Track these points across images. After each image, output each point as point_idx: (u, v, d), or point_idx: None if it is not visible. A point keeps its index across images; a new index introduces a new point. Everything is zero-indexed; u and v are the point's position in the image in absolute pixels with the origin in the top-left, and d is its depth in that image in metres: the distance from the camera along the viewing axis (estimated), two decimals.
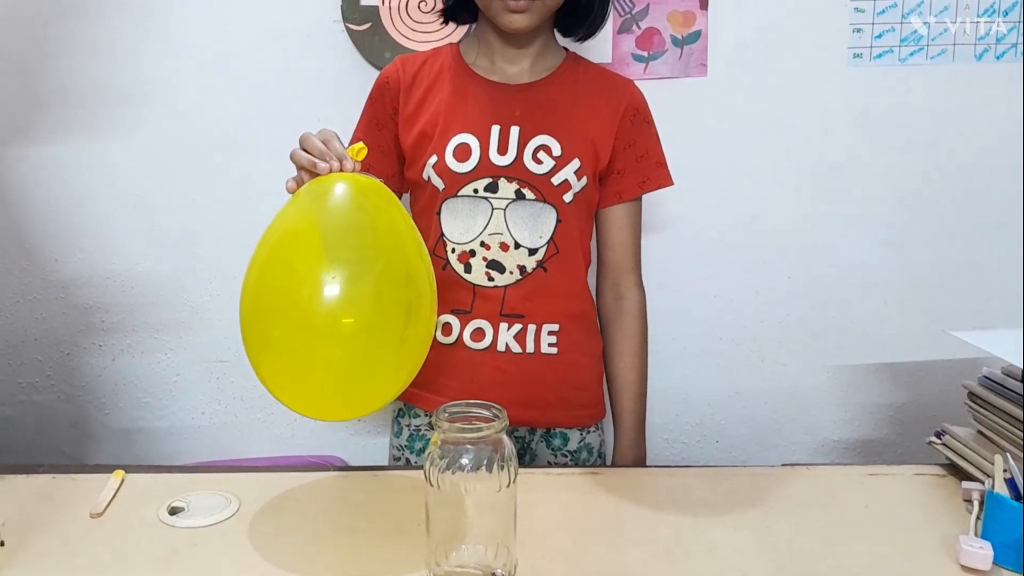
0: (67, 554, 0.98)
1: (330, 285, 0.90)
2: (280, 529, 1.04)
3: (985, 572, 0.93)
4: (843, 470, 1.22)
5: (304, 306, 0.91)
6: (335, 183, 1.00)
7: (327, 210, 0.99)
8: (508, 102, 1.26)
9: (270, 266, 0.96)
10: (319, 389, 0.95)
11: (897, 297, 1.78)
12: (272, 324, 0.93)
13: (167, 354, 1.82)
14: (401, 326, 0.95)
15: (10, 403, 1.85)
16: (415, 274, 0.98)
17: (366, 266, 0.94)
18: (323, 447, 1.86)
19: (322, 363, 0.92)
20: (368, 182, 1.02)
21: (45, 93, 1.70)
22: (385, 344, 0.94)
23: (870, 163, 1.72)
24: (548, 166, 1.25)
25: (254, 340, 0.96)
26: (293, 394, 0.97)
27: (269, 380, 0.96)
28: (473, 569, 0.91)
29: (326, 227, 0.97)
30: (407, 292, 0.96)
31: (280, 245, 0.98)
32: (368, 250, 0.96)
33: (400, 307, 0.95)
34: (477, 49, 1.30)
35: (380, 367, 0.95)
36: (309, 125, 1.71)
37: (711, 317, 1.79)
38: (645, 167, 1.33)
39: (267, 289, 0.95)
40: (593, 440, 1.39)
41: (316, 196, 1.00)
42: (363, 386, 0.96)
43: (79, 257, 1.77)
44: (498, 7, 1.18)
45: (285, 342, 0.93)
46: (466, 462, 0.87)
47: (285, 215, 1.01)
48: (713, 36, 1.66)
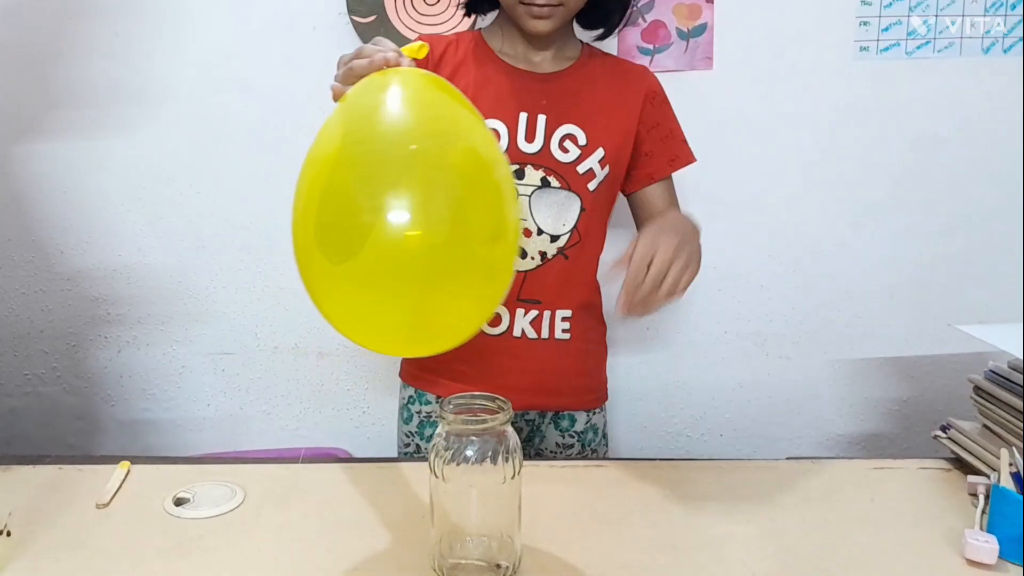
0: (73, 544, 0.98)
1: (395, 210, 0.75)
2: (285, 520, 1.04)
3: (990, 566, 0.93)
4: (848, 464, 1.22)
5: (362, 218, 0.76)
6: (395, 77, 0.85)
7: (385, 107, 0.84)
8: (534, 91, 1.26)
9: (323, 176, 0.82)
10: (386, 318, 0.81)
11: (903, 291, 1.77)
12: (328, 240, 0.80)
13: (173, 346, 1.83)
14: (481, 242, 0.80)
15: (16, 395, 1.85)
16: (492, 180, 0.83)
17: (434, 170, 0.79)
18: (328, 439, 1.86)
19: (386, 286, 0.78)
20: (431, 76, 0.90)
21: (55, 91, 1.70)
22: (462, 263, 0.79)
23: (876, 157, 1.71)
24: (574, 155, 1.26)
25: (309, 261, 0.82)
26: (357, 326, 0.84)
27: (327, 306, 0.83)
28: (477, 560, 0.91)
29: (382, 127, 0.83)
30: (485, 201, 0.81)
31: (336, 151, 0.83)
32: (435, 149, 0.81)
33: (480, 219, 0.81)
34: (502, 37, 1.29)
35: (456, 290, 0.81)
36: (314, 118, 1.72)
37: (716, 311, 1.79)
38: (672, 146, 1.35)
39: (320, 203, 0.81)
40: (598, 421, 1.41)
41: (372, 92, 0.85)
42: (436, 314, 0.82)
43: (85, 249, 1.77)
44: (522, 11, 1.19)
45: (343, 261, 0.79)
46: (471, 454, 0.87)
47: (336, 121, 0.86)
48: (719, 29, 1.65)
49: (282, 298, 1.79)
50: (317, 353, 1.82)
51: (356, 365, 1.82)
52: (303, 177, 0.83)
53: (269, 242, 1.76)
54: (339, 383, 1.83)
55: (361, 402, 1.84)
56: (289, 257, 0.81)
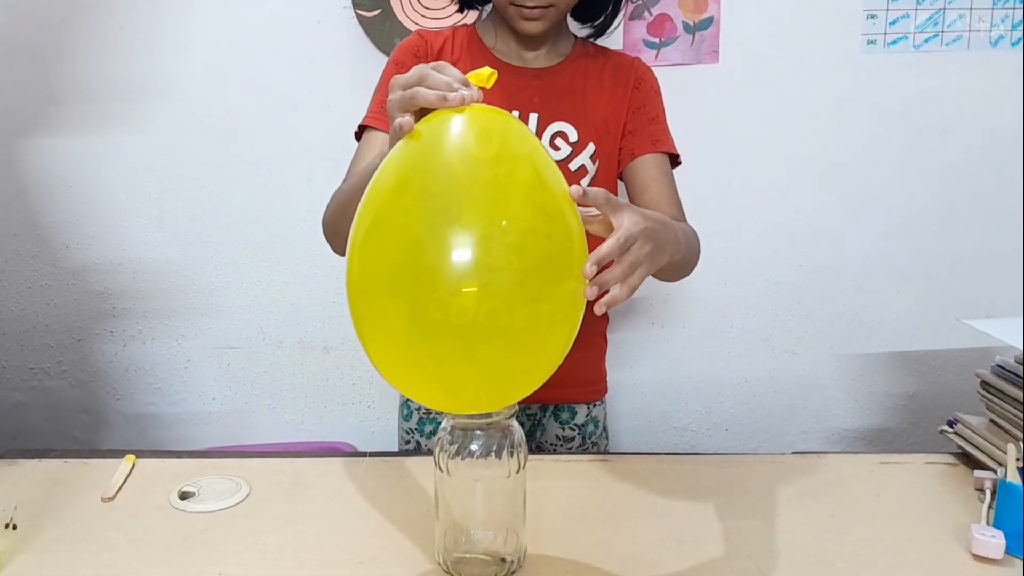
0: (78, 537, 0.98)
1: (458, 247, 0.70)
2: (289, 514, 1.04)
3: (997, 561, 0.93)
4: (854, 459, 1.21)
5: (419, 273, 0.71)
6: (456, 119, 0.78)
7: (445, 155, 0.77)
8: (526, 88, 1.25)
9: (380, 225, 0.75)
10: (442, 377, 0.76)
11: (909, 286, 1.77)
12: (384, 298, 0.74)
13: (178, 340, 1.83)
14: (545, 286, 0.74)
15: (22, 389, 1.86)
16: (556, 223, 0.76)
17: (493, 218, 0.73)
18: (333, 433, 1.86)
19: (441, 341, 0.72)
20: (509, 122, 0.82)
21: (60, 86, 1.71)
22: (526, 312, 0.73)
23: (883, 151, 1.71)
24: (565, 152, 1.25)
25: (362, 315, 0.76)
26: (409, 382, 0.79)
27: (377, 360, 0.78)
28: (482, 555, 0.91)
29: (444, 176, 0.75)
30: (548, 244, 0.74)
31: (391, 199, 0.76)
32: (499, 200, 0.75)
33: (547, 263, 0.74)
34: (495, 33, 1.29)
35: (520, 341, 0.74)
36: (319, 112, 1.73)
37: (722, 305, 1.79)
38: (655, 130, 1.29)
39: (374, 254, 0.74)
40: (599, 413, 1.41)
41: (434, 137, 0.78)
42: (498, 369, 0.75)
43: (91, 244, 1.78)
44: (513, 12, 1.18)
45: (396, 317, 0.73)
46: (476, 448, 0.87)
47: (396, 162, 0.78)
48: (725, 23, 1.65)
49: (287, 293, 1.79)
50: (322, 348, 1.82)
51: (361, 360, 1.80)
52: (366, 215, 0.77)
53: (274, 237, 1.76)
54: (344, 378, 1.84)
55: (366, 396, 1.84)
56: (294, 252, 0.80)
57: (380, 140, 1.19)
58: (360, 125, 1.21)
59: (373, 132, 1.20)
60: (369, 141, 1.20)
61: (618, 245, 0.78)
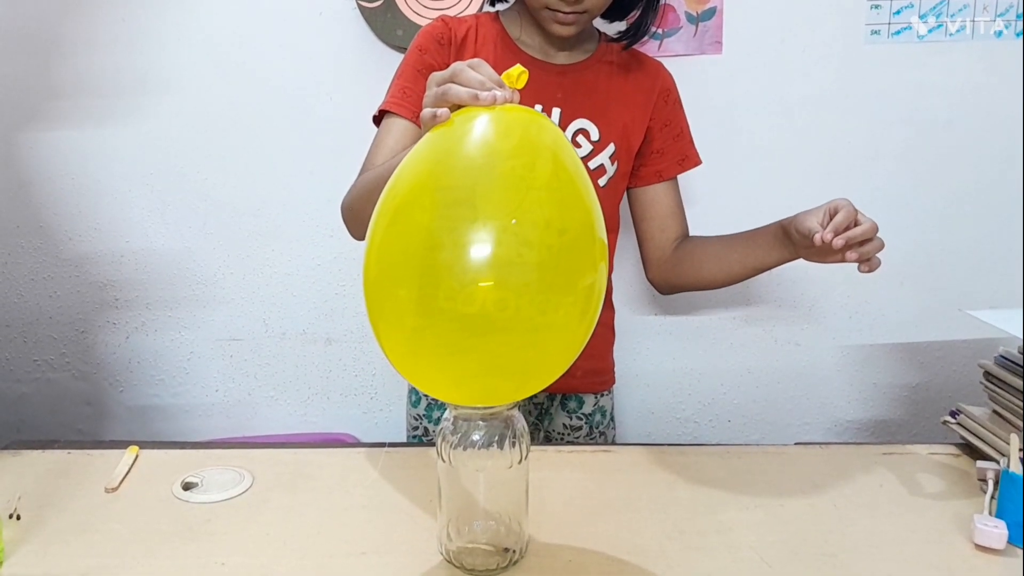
0: (82, 528, 0.98)
1: (477, 243, 0.70)
2: (293, 505, 1.04)
3: (999, 551, 0.93)
4: (857, 449, 1.21)
5: (433, 264, 0.72)
6: (481, 113, 0.78)
7: (465, 148, 0.77)
8: (551, 83, 1.25)
9: (399, 219, 0.76)
10: (458, 372, 0.77)
11: (912, 276, 1.76)
12: (398, 289, 0.74)
13: (181, 332, 1.83)
14: (561, 280, 0.74)
15: (25, 380, 1.86)
16: (574, 216, 0.76)
17: (508, 210, 0.72)
18: (336, 424, 1.87)
19: (457, 337, 0.73)
20: (542, 122, 0.81)
21: (62, 79, 1.71)
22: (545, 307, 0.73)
23: (887, 141, 1.70)
24: (586, 150, 1.25)
25: (378, 310, 0.77)
26: (426, 378, 0.80)
27: (391, 354, 0.78)
28: (485, 545, 0.91)
29: (462, 168, 0.76)
30: (563, 238, 0.74)
31: (410, 190, 0.76)
32: (515, 193, 0.74)
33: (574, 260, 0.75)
34: (520, 26, 1.27)
35: (536, 334, 0.74)
36: (321, 103, 1.73)
37: (724, 296, 1.79)
38: (682, 146, 1.34)
39: (394, 248, 0.75)
40: (606, 403, 1.41)
41: (456, 130, 0.78)
42: (516, 362, 0.76)
43: (94, 236, 1.78)
44: (547, 16, 1.17)
45: (411, 311, 0.74)
46: (478, 438, 0.87)
47: (418, 155, 0.79)
48: (728, 13, 1.64)
49: (290, 284, 1.79)
50: (325, 339, 1.82)
51: (364, 351, 1.82)
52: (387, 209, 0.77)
53: (277, 228, 1.76)
54: (347, 369, 1.84)
55: (369, 388, 1.85)
56: (296, 243, 0.79)
57: (401, 126, 1.18)
58: (380, 109, 1.21)
59: (394, 118, 1.19)
60: (390, 127, 1.19)
61: (850, 214, 1.16)
